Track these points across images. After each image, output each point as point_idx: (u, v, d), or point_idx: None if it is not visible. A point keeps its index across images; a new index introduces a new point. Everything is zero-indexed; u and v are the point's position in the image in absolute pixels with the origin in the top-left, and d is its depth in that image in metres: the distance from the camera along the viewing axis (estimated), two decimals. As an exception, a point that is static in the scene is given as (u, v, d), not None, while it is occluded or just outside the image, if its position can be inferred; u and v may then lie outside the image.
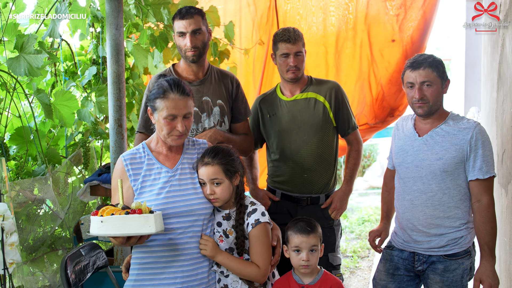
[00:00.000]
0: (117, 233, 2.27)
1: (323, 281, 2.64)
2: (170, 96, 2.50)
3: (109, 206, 2.36)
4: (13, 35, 3.21)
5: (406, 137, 3.00)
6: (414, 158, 2.92)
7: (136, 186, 2.56)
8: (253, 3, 4.81)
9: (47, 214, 3.62)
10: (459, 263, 2.85)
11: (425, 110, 2.84)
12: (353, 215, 8.70)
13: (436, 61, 2.83)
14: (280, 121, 3.48)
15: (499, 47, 3.54)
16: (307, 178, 3.46)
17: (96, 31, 4.21)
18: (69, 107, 3.60)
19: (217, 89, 3.26)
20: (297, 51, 3.35)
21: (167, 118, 2.50)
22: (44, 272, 3.64)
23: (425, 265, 2.92)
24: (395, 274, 3.02)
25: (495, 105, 3.68)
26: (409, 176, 2.94)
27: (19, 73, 3.15)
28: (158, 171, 2.58)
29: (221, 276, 2.63)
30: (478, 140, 2.77)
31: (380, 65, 4.73)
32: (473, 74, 5.85)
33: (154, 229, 2.26)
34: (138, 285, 2.55)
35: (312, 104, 3.45)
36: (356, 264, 6.38)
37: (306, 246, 2.62)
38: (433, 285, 2.89)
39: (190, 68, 3.22)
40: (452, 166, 2.81)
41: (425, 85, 2.81)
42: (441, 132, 2.87)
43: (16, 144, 3.60)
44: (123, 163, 2.59)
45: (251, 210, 2.63)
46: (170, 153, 2.64)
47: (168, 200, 2.52)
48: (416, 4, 4.52)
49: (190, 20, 3.08)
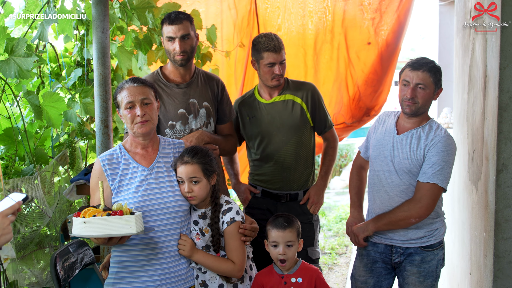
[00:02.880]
0: (99, 234, 2.35)
1: (302, 269, 2.78)
2: (125, 87, 2.65)
3: (90, 208, 2.44)
4: (2, 38, 3.28)
5: (386, 132, 3.15)
6: (389, 153, 3.07)
7: (114, 186, 2.63)
8: (234, 7, 4.90)
9: (34, 213, 3.69)
10: (434, 254, 3.03)
11: (412, 110, 2.98)
12: (331, 214, 8.85)
13: (435, 68, 2.96)
14: (259, 123, 3.58)
15: (470, 50, 3.69)
16: (287, 176, 3.58)
17: (80, 33, 4.27)
18: (57, 108, 3.67)
19: (203, 92, 3.36)
20: (281, 60, 3.44)
21: (127, 108, 2.61)
22: (32, 269, 3.71)
23: (402, 257, 3.08)
24: (373, 269, 3.16)
25: (466, 106, 3.84)
26: (384, 169, 3.09)
27: (9, 75, 3.22)
28: (134, 170, 2.66)
29: (199, 273, 2.73)
30: (437, 148, 2.93)
31: (357, 66, 4.86)
32: (446, 75, 5.95)
33: (135, 230, 2.35)
34: (118, 283, 2.63)
35: (290, 106, 3.56)
36: (334, 261, 6.53)
37: (283, 240, 2.74)
38: (410, 276, 3.05)
39: (178, 71, 3.32)
40: (416, 167, 2.98)
41: (419, 87, 2.94)
42: (415, 134, 3.02)
43: (4, 145, 3.66)
44: (100, 163, 2.67)
45: (226, 209, 2.74)
46: (146, 153, 2.72)
47: (145, 198, 2.59)
48: (391, 8, 4.66)
49: (179, 26, 3.18)
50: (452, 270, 4.56)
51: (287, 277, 2.76)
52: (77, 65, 4.26)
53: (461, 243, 4.06)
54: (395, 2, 4.64)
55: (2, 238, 1.83)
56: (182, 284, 2.67)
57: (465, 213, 3.87)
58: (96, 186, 2.63)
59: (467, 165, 3.74)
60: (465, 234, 3.87)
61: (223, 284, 2.73)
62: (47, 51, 4.21)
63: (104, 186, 2.60)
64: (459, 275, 4.15)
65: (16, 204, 1.90)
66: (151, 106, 2.66)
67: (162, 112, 3.24)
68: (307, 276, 2.75)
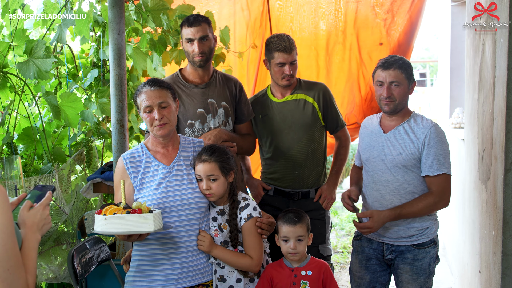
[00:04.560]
0: (119, 231, 2.45)
1: (311, 263, 2.85)
2: (143, 91, 2.73)
3: (111, 205, 2.53)
4: (22, 40, 3.37)
5: (372, 134, 3.22)
6: (379, 152, 3.14)
7: (136, 183, 2.74)
8: (247, 8, 4.96)
9: (52, 210, 3.78)
10: (426, 252, 3.08)
11: (391, 107, 3.06)
12: (343, 213, 8.88)
13: (405, 64, 3.05)
14: (271, 121, 3.65)
15: (480, 51, 3.73)
16: (298, 174, 3.63)
17: (96, 35, 4.37)
18: (74, 108, 3.77)
19: (222, 92, 3.46)
20: (292, 60, 3.50)
21: (146, 111, 2.71)
22: (50, 265, 3.81)
23: (394, 254, 3.13)
24: (368, 265, 3.22)
25: (477, 106, 3.87)
26: (376, 169, 3.15)
27: (28, 76, 3.32)
28: (155, 168, 2.76)
29: (217, 268, 2.81)
30: (432, 139, 3.00)
31: (369, 67, 4.88)
32: (458, 76, 5.98)
33: (153, 228, 2.43)
34: (138, 276, 2.73)
35: (301, 105, 3.62)
36: (346, 260, 6.58)
37: (293, 235, 2.81)
38: (403, 274, 3.11)
39: (197, 72, 3.42)
40: (411, 161, 3.04)
41: (393, 84, 3.02)
42: (402, 130, 3.09)
43: (23, 144, 3.77)
44: (123, 162, 2.77)
45: (243, 205, 2.82)
46: (167, 152, 2.82)
47: (165, 195, 2.69)
48: (403, 9, 4.69)
49: (198, 28, 3.28)
50: (463, 268, 4.59)
51: (297, 270, 2.83)
52: (93, 66, 4.36)
53: (472, 241, 4.09)
54: (406, 3, 4.67)
55: (44, 228, 1.95)
56: (200, 278, 2.76)
57: (475, 212, 3.91)
58: (119, 184, 2.73)
59: (477, 164, 3.78)
60: (475, 232, 3.91)
61: (241, 279, 2.81)
62: (64, 52, 4.31)
63: (126, 184, 2.70)
64: (470, 274, 4.19)
65: (49, 194, 2.02)
66: (169, 108, 2.75)
67: (182, 111, 3.34)
68: (316, 269, 2.83)
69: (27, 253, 1.82)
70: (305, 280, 2.80)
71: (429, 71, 22.75)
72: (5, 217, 1.66)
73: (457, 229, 4.84)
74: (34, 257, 1.84)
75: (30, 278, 1.76)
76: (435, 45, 21.89)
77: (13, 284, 1.66)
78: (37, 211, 1.94)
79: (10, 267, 1.65)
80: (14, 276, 1.66)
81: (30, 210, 1.94)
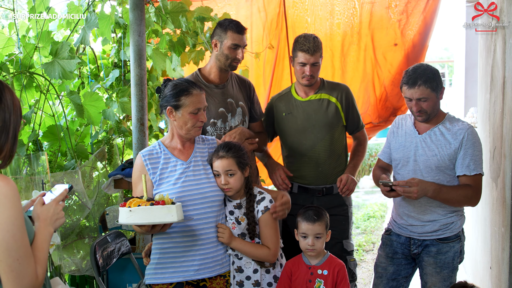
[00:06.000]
0: (143, 222, 2.53)
1: (328, 262, 2.93)
2: (193, 92, 2.83)
3: (135, 198, 2.62)
4: (47, 42, 3.50)
5: (407, 134, 3.27)
6: (413, 153, 3.19)
7: (155, 179, 2.85)
8: (264, 9, 5.02)
9: (75, 205, 3.92)
10: (450, 246, 3.14)
11: (424, 118, 3.13)
12: (359, 212, 8.96)
13: (429, 78, 3.03)
14: (295, 119, 3.71)
15: (492, 52, 3.79)
16: (322, 171, 3.69)
17: (117, 36, 4.50)
18: (97, 107, 3.89)
19: (238, 92, 3.60)
20: (314, 62, 3.55)
21: (193, 112, 2.82)
22: (72, 258, 3.94)
23: (420, 248, 3.21)
24: (394, 258, 3.31)
25: (488, 105, 3.93)
26: (409, 169, 3.21)
27: (54, 76, 3.45)
28: (174, 164, 2.88)
29: (235, 259, 2.93)
30: (469, 141, 3.05)
31: (384, 67, 4.91)
32: (473, 75, 5.99)
33: (176, 218, 2.52)
34: (160, 267, 2.84)
35: (325, 105, 3.68)
36: (361, 257, 6.66)
37: (312, 233, 2.90)
38: (427, 267, 3.18)
39: (220, 73, 3.55)
40: (445, 162, 3.09)
41: (421, 100, 3.06)
42: (438, 131, 3.15)
43: (48, 141, 3.91)
44: (142, 159, 2.89)
45: (260, 199, 2.95)
46: (183, 148, 2.94)
47: (184, 189, 2.81)
48: (417, 10, 4.71)
49: (244, 36, 3.47)
50: (476, 265, 4.65)
51: (314, 268, 2.92)
52: (114, 66, 4.47)
53: (483, 238, 4.15)
54: (421, 4, 4.70)
55: (57, 222, 2.04)
56: (219, 269, 2.88)
57: (486, 210, 3.96)
58: (138, 180, 2.85)
59: (488, 162, 3.84)
60: (486, 230, 3.97)
61: (257, 269, 2.92)
62: (87, 53, 4.45)
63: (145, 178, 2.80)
64: (482, 270, 4.25)
65: (64, 191, 2.13)
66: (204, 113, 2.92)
67: None
68: (331, 268, 2.91)
69: (39, 245, 1.92)
70: (320, 278, 2.89)
71: (448, 71, 22.59)
72: (15, 210, 1.77)
73: (470, 227, 4.88)
74: (45, 249, 1.93)
75: (39, 268, 1.86)
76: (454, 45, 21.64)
77: (22, 273, 1.77)
78: (50, 206, 2.03)
79: (19, 257, 1.77)
80: (23, 266, 1.77)
81: (44, 205, 2.03)
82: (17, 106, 1.90)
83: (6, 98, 1.84)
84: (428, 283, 3.19)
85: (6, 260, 1.75)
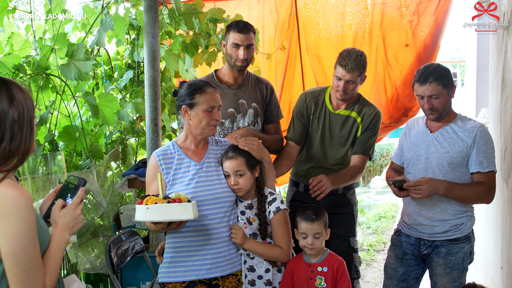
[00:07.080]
0: (160, 219, 2.56)
1: (328, 260, 2.98)
2: (207, 91, 2.87)
3: (151, 196, 2.65)
4: (63, 43, 3.56)
5: (419, 134, 3.30)
6: (425, 151, 3.22)
7: (168, 178, 2.89)
8: (275, 11, 5.05)
9: (90, 204, 3.98)
10: (460, 247, 3.16)
11: (436, 116, 3.16)
12: (370, 212, 8.96)
13: (441, 74, 3.08)
14: (318, 127, 3.69)
15: (503, 52, 3.80)
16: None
17: (131, 38, 4.56)
18: (111, 108, 3.95)
19: (253, 93, 3.63)
20: (349, 79, 3.44)
21: (207, 110, 2.85)
22: (87, 256, 4.00)
23: (430, 249, 3.23)
24: (403, 259, 3.33)
25: (499, 106, 3.94)
26: (420, 167, 3.24)
27: (70, 77, 3.51)
28: (187, 165, 2.91)
29: (247, 258, 2.96)
30: (482, 138, 3.08)
31: (395, 68, 4.92)
32: (484, 76, 5.99)
33: (192, 216, 2.56)
34: (173, 266, 2.88)
35: (350, 123, 3.64)
36: (372, 257, 6.68)
37: (311, 232, 2.94)
38: (437, 268, 3.20)
39: (233, 74, 3.61)
40: (458, 159, 3.12)
41: (432, 98, 3.10)
42: (450, 130, 3.18)
43: (63, 141, 3.97)
44: (156, 158, 2.92)
45: (271, 199, 2.98)
46: (197, 149, 2.98)
47: (197, 189, 2.85)
48: (429, 11, 4.72)
49: (247, 35, 3.47)
50: (487, 265, 4.66)
51: (314, 266, 2.96)
52: (128, 68, 4.53)
53: (494, 238, 4.16)
54: (432, 5, 4.71)
55: (75, 227, 2.02)
56: (231, 268, 2.92)
57: (498, 210, 3.98)
58: (152, 179, 2.89)
59: (499, 163, 3.85)
60: (497, 230, 3.98)
61: (269, 269, 2.96)
62: (101, 54, 4.51)
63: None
64: (493, 270, 4.26)
65: (81, 192, 2.09)
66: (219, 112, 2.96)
67: None
68: (331, 265, 2.95)
69: (51, 254, 1.90)
70: (321, 275, 2.94)
71: (460, 71, 22.49)
72: (27, 223, 1.75)
73: (481, 227, 4.90)
74: (58, 258, 1.91)
75: (48, 279, 1.85)
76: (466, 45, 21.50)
77: (29, 285, 1.77)
78: (68, 210, 1.99)
79: (27, 269, 1.76)
80: (31, 277, 1.77)
81: (62, 210, 1.99)
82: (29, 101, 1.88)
83: (19, 96, 1.82)
84: (438, 283, 3.21)
85: (14, 271, 1.75)
